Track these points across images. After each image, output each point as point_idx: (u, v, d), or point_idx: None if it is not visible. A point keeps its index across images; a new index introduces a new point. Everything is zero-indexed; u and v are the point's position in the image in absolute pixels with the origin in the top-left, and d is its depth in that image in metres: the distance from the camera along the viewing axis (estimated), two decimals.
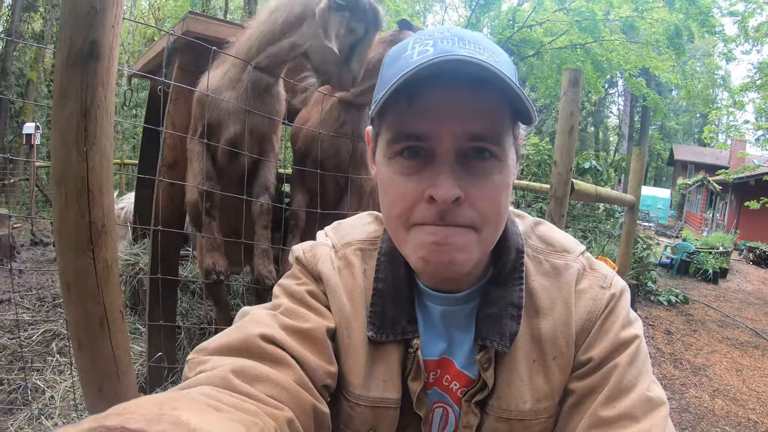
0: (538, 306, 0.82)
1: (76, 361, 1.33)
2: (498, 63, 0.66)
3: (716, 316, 6.77)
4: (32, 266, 5.59)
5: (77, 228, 1.23)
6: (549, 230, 0.91)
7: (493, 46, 0.72)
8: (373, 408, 0.83)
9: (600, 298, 0.81)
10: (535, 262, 0.86)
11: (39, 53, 14.82)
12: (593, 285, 0.83)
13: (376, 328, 0.82)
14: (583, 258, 0.86)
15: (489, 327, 0.80)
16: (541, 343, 0.81)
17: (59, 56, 1.18)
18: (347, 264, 0.88)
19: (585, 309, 0.81)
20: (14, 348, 2.85)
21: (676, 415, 3.47)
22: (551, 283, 0.83)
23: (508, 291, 0.82)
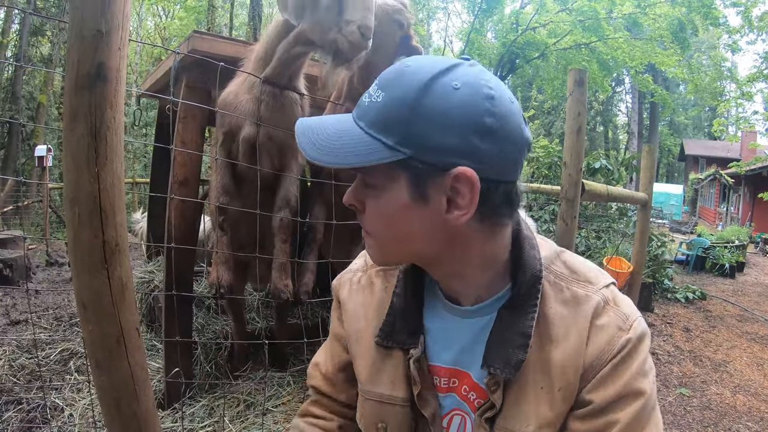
0: (552, 333, 0.83)
1: (94, 379, 1.34)
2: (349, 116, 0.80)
3: (735, 311, 6.69)
4: (48, 286, 5.65)
5: (91, 248, 1.24)
6: (574, 258, 0.92)
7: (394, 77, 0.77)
8: (380, 403, 0.96)
9: (616, 339, 0.81)
10: (555, 288, 0.86)
11: (48, 77, 15.02)
12: (612, 323, 0.82)
13: (383, 335, 0.95)
14: (607, 291, 0.85)
15: (496, 353, 0.83)
16: (551, 371, 0.82)
17: (68, 80, 1.20)
18: (369, 284, 1.04)
19: (598, 347, 0.81)
20: (32, 367, 2.88)
21: (697, 413, 3.43)
22: (569, 312, 0.84)
23: (519, 318, 0.83)
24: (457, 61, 0.77)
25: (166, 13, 20.26)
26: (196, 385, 2.66)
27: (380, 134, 0.75)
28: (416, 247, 0.83)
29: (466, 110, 0.72)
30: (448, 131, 0.73)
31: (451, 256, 0.84)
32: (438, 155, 0.74)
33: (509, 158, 0.77)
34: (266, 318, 3.47)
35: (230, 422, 2.42)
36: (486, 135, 0.73)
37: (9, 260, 5.37)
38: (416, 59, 0.78)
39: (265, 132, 2.23)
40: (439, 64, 0.75)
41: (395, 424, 0.95)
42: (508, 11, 13.33)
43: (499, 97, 0.74)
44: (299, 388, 2.83)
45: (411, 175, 0.76)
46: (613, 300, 0.84)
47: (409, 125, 0.73)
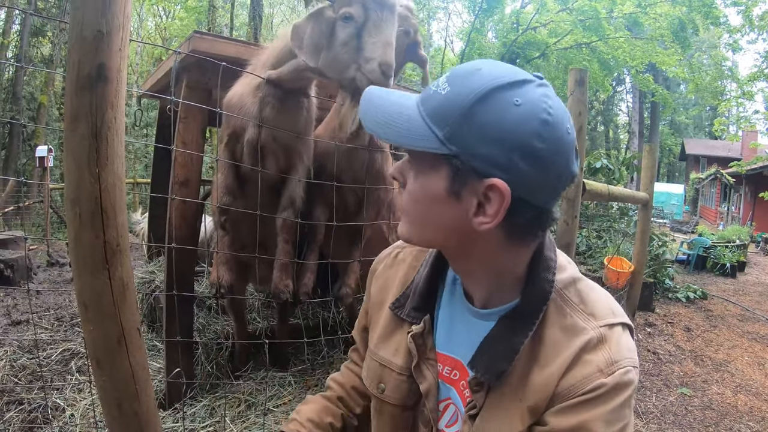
0: (540, 355, 0.86)
1: (95, 380, 1.34)
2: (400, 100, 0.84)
3: (736, 311, 6.68)
4: (49, 287, 5.65)
5: (92, 248, 1.24)
6: (590, 289, 0.93)
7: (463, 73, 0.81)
8: (380, 365, 1.06)
9: (591, 378, 0.82)
10: (560, 313, 0.88)
11: (49, 77, 15.03)
12: (594, 362, 0.83)
13: (396, 304, 1.06)
14: (607, 330, 0.86)
15: (483, 356, 0.88)
16: (529, 388, 0.85)
17: (68, 80, 1.20)
18: (402, 260, 1.14)
19: (573, 379, 0.83)
20: (34, 368, 2.88)
21: (699, 412, 3.43)
22: (563, 338, 0.86)
23: (515, 332, 0.87)
24: (528, 77, 0.78)
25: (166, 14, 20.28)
26: (197, 385, 2.66)
27: (434, 125, 0.79)
28: (439, 237, 0.88)
29: (518, 128, 0.75)
30: (495, 143, 0.75)
31: (466, 255, 0.89)
32: (479, 161, 0.77)
33: (547, 185, 0.80)
34: (267, 318, 3.48)
35: (231, 422, 2.42)
36: (529, 157, 0.75)
37: (10, 261, 5.38)
38: (492, 65, 0.81)
39: (270, 134, 2.21)
40: (508, 75, 0.77)
41: (392, 387, 1.04)
42: (508, 11, 13.34)
43: (555, 123, 0.76)
44: (300, 388, 2.84)
45: (451, 171, 0.80)
46: (609, 340, 0.85)
47: (461, 126, 0.77)
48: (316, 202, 2.52)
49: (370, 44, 1.80)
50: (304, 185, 2.38)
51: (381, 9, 1.82)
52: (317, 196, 2.51)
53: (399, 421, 1.05)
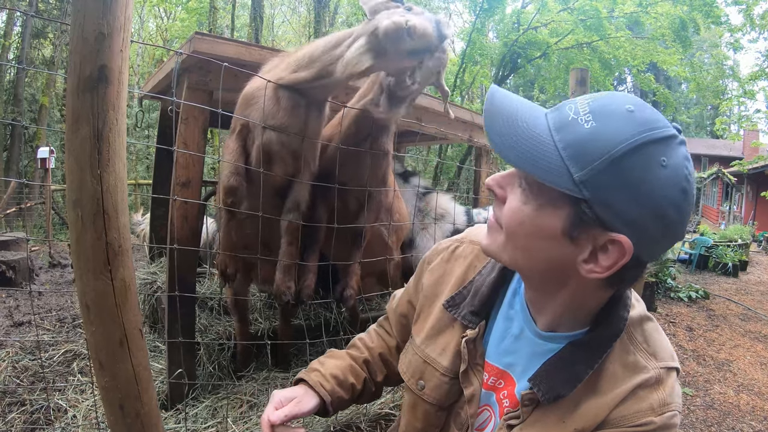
0: (599, 385, 0.87)
1: (97, 381, 1.35)
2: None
3: (738, 310, 6.67)
4: (51, 288, 5.66)
5: (94, 249, 1.24)
6: (655, 331, 0.94)
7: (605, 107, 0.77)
8: (424, 362, 1.06)
9: (642, 415, 0.84)
10: (624, 349, 0.89)
11: (50, 79, 15.05)
12: (648, 400, 0.85)
13: (451, 303, 1.05)
14: (664, 372, 0.88)
15: (546, 376, 0.89)
16: (577, 413, 0.87)
17: (70, 82, 1.20)
18: (460, 256, 1.12)
19: (625, 411, 0.85)
20: (36, 369, 2.88)
21: (701, 412, 3.42)
22: (623, 373, 0.87)
23: (583, 361, 0.88)
24: (672, 131, 0.75)
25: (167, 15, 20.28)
26: (199, 386, 2.66)
27: (570, 161, 0.73)
28: (534, 267, 0.86)
29: (660, 192, 0.72)
30: (633, 201, 0.72)
31: (553, 290, 0.88)
32: (610, 214, 0.73)
33: (664, 247, 0.80)
34: (269, 319, 3.48)
35: (233, 423, 2.42)
36: (660, 222, 0.74)
37: (12, 262, 5.38)
38: (642, 106, 0.76)
39: (280, 140, 2.21)
40: (659, 126, 0.73)
41: (432, 386, 1.04)
42: (509, 11, 13.31)
43: (691, 192, 0.75)
44: None
45: (575, 214, 0.76)
46: (665, 383, 0.87)
47: (601, 173, 0.72)
48: (317, 204, 2.52)
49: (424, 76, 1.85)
50: (309, 189, 2.37)
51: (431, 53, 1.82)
52: (319, 198, 2.51)
53: (432, 419, 1.06)
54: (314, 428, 2.26)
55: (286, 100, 2.14)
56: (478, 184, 4.64)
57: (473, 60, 13.33)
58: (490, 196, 5.24)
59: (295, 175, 2.33)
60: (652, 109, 0.77)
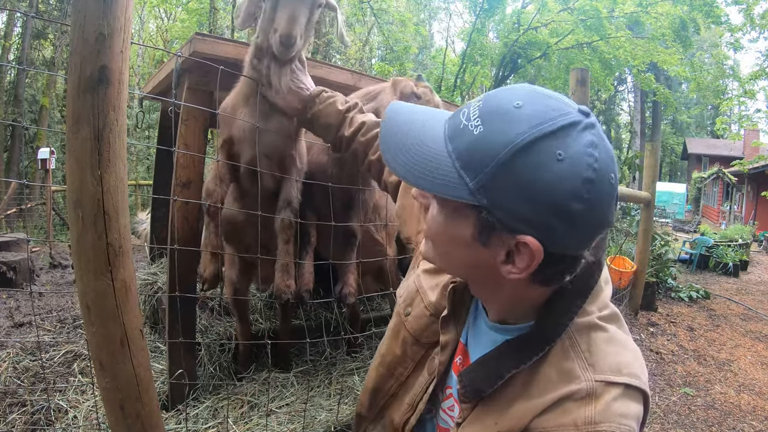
0: (531, 388, 0.84)
1: (98, 381, 1.35)
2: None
3: (738, 310, 6.67)
4: (52, 289, 5.66)
5: (95, 250, 1.24)
6: (603, 341, 0.87)
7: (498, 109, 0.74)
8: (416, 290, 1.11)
9: (560, 427, 0.80)
10: (564, 355, 0.85)
11: (50, 79, 15.06)
12: (572, 416, 0.80)
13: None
14: (601, 387, 0.81)
15: (472, 373, 0.89)
16: (507, 415, 0.84)
17: (70, 83, 1.20)
18: None
19: (546, 423, 0.81)
20: (36, 369, 2.88)
21: (702, 412, 3.42)
22: (556, 380, 0.83)
23: (510, 359, 0.86)
24: (574, 117, 0.71)
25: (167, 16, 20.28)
26: (200, 387, 2.66)
27: (465, 171, 0.73)
28: (460, 271, 0.90)
29: (558, 188, 0.69)
30: (529, 202, 0.70)
31: (482, 286, 0.90)
32: (510, 218, 0.72)
33: (583, 238, 0.75)
34: (269, 319, 3.48)
35: (234, 423, 2.42)
36: (566, 218, 0.71)
37: (12, 263, 5.38)
38: (533, 97, 0.74)
39: (264, 151, 2.25)
40: (552, 118, 0.70)
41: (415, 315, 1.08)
42: (509, 11, 13.32)
43: (599, 180, 0.70)
44: (303, 389, 2.83)
45: (479, 221, 0.76)
46: (599, 398, 0.80)
47: (494, 179, 0.71)
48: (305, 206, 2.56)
49: (278, 18, 1.97)
50: (300, 186, 2.40)
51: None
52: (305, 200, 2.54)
53: (409, 351, 1.08)
54: (314, 428, 2.26)
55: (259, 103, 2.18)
56: None
57: (473, 60, 13.33)
58: None
59: (283, 174, 2.36)
60: (547, 97, 0.75)
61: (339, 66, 2.83)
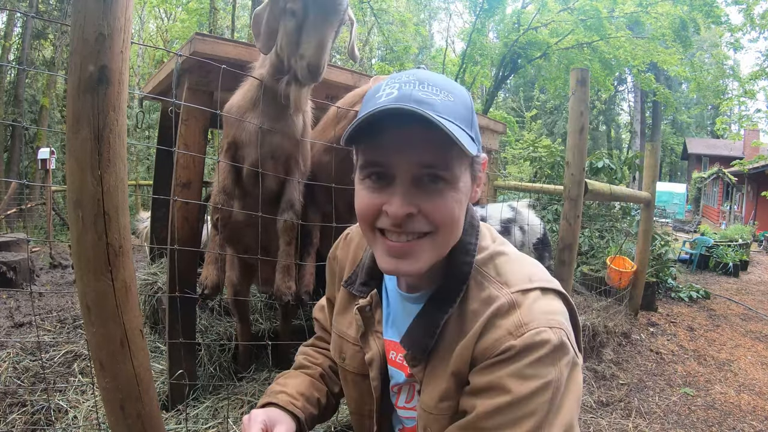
0: (464, 327, 0.94)
1: (98, 381, 1.35)
2: (445, 106, 0.85)
3: (739, 310, 6.67)
4: (52, 289, 5.66)
5: (95, 250, 1.24)
6: (508, 261, 1.00)
7: (451, 85, 0.90)
8: (339, 337, 1.18)
9: (501, 341, 0.88)
10: (479, 287, 0.96)
11: (50, 79, 15.06)
12: (505, 326, 0.89)
13: (348, 282, 1.17)
14: (520, 295, 0.91)
15: (411, 335, 0.99)
16: (453, 357, 0.93)
17: (70, 83, 1.21)
18: (351, 240, 1.24)
19: (485, 344, 0.90)
20: (36, 369, 2.88)
21: (702, 412, 3.42)
22: (481, 309, 0.93)
23: (437, 311, 0.96)
24: None
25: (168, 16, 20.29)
26: (200, 387, 2.66)
27: (468, 129, 0.88)
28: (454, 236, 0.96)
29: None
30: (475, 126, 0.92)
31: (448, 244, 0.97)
32: (479, 145, 0.92)
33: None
34: (270, 319, 3.48)
35: (234, 423, 2.42)
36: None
37: (13, 263, 5.38)
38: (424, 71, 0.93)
39: (269, 152, 2.25)
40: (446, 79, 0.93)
41: (350, 356, 1.15)
42: (509, 11, 13.32)
43: None
44: None
45: (470, 163, 0.93)
46: (520, 306, 0.90)
47: (473, 123, 0.91)
48: (308, 207, 2.55)
49: (306, 43, 1.92)
50: (302, 188, 2.40)
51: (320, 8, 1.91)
52: (309, 201, 2.54)
53: (361, 387, 1.14)
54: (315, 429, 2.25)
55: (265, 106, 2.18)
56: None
57: (473, 60, 13.33)
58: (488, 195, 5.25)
59: (286, 175, 2.36)
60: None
61: (339, 66, 2.83)
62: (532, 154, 8.22)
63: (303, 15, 1.92)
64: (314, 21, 1.92)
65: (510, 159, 13.65)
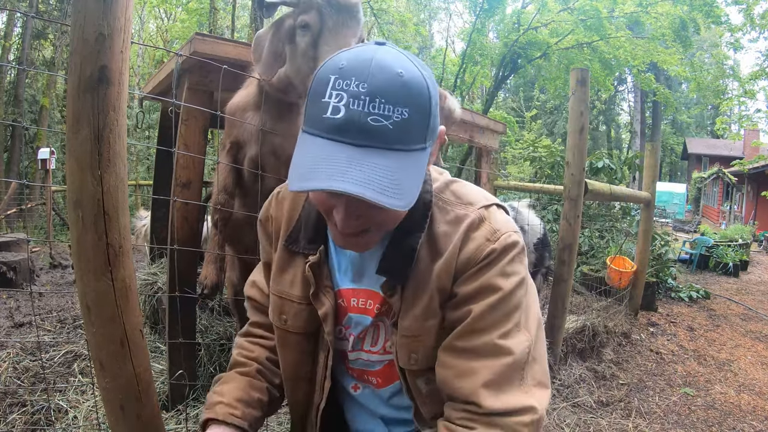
0: (437, 248, 0.99)
1: (98, 381, 1.35)
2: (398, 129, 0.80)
3: (739, 310, 6.67)
4: (52, 289, 5.66)
5: (95, 250, 1.24)
6: (462, 186, 1.08)
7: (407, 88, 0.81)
8: (280, 298, 1.13)
9: (483, 248, 0.97)
10: (443, 212, 1.02)
11: (50, 79, 15.05)
12: (481, 235, 0.98)
13: (290, 240, 1.12)
14: (484, 211, 1.01)
15: (388, 264, 1.00)
16: (433, 276, 0.99)
17: (70, 83, 1.20)
18: (284, 198, 1.18)
19: (467, 254, 0.97)
20: (36, 369, 2.88)
21: (702, 412, 3.42)
22: (451, 229, 1.00)
23: (410, 237, 1.00)
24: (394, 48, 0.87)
25: (167, 16, 20.28)
26: (200, 387, 2.66)
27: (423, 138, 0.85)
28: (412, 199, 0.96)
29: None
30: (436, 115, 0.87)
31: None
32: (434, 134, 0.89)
33: None
34: None
35: None
36: None
37: (13, 263, 5.38)
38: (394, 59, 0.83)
39: (271, 150, 2.23)
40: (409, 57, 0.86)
41: (292, 316, 1.12)
42: (509, 11, 13.30)
43: None
44: None
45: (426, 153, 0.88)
46: (488, 218, 1.00)
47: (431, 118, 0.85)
48: None
49: (325, 53, 1.74)
50: None
51: (337, 14, 1.78)
52: None
53: (304, 347, 1.14)
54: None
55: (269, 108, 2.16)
56: (478, 184, 4.64)
57: (473, 60, 13.32)
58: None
59: None
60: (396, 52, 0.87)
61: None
62: (532, 154, 8.21)
63: (319, 26, 1.79)
64: (333, 29, 1.78)
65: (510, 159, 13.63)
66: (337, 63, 0.83)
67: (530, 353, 0.96)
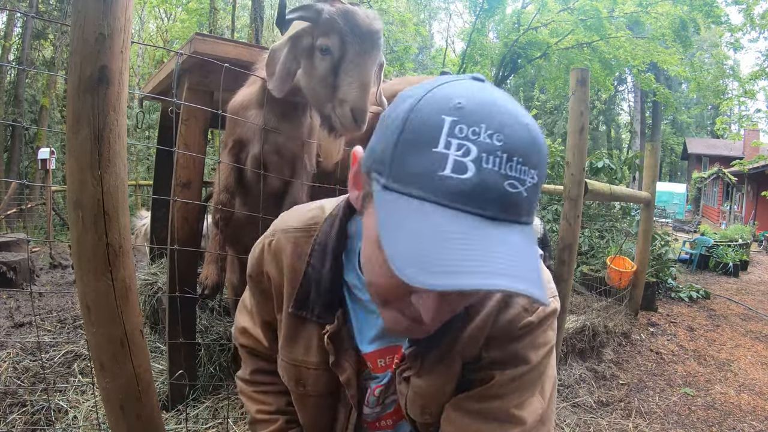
0: (469, 312, 0.89)
1: (98, 381, 1.35)
2: (532, 194, 0.61)
3: (739, 310, 6.66)
4: (52, 289, 5.66)
5: (95, 250, 1.24)
6: None
7: (539, 140, 0.62)
8: (295, 366, 1.01)
9: (519, 319, 0.88)
10: None
11: (51, 79, 15.06)
12: (520, 304, 0.89)
13: (296, 305, 0.96)
14: None
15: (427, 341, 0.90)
16: (462, 343, 0.91)
17: (70, 83, 1.20)
18: (280, 250, 0.98)
19: (502, 324, 0.89)
20: (36, 370, 2.88)
21: (702, 412, 3.42)
22: (486, 294, 0.87)
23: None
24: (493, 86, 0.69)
25: (167, 16, 20.29)
26: (200, 387, 2.66)
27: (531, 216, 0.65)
28: None
29: None
30: None
31: None
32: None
33: None
34: None
35: (234, 423, 2.42)
36: None
37: (13, 263, 5.38)
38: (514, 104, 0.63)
39: (274, 149, 2.22)
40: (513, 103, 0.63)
41: (312, 382, 1.01)
42: (509, 11, 13.33)
43: None
44: None
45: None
46: None
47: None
48: None
49: (346, 84, 1.69)
50: (307, 189, 2.38)
51: (360, 42, 1.70)
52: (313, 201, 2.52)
53: (323, 406, 1.06)
54: None
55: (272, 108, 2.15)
56: None
57: (473, 60, 13.34)
58: None
59: (292, 177, 2.34)
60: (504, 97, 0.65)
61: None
62: None
63: (340, 53, 1.71)
64: (355, 59, 1.69)
65: None
66: (450, 99, 0.60)
67: (541, 419, 0.91)
